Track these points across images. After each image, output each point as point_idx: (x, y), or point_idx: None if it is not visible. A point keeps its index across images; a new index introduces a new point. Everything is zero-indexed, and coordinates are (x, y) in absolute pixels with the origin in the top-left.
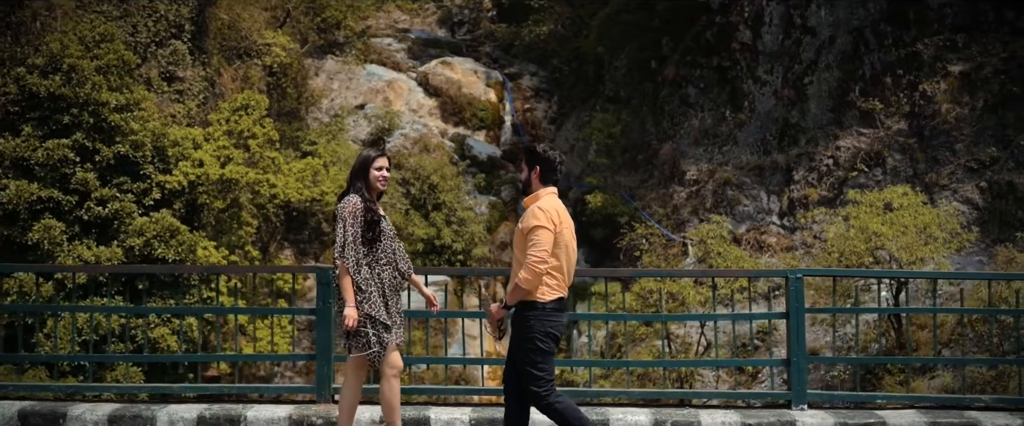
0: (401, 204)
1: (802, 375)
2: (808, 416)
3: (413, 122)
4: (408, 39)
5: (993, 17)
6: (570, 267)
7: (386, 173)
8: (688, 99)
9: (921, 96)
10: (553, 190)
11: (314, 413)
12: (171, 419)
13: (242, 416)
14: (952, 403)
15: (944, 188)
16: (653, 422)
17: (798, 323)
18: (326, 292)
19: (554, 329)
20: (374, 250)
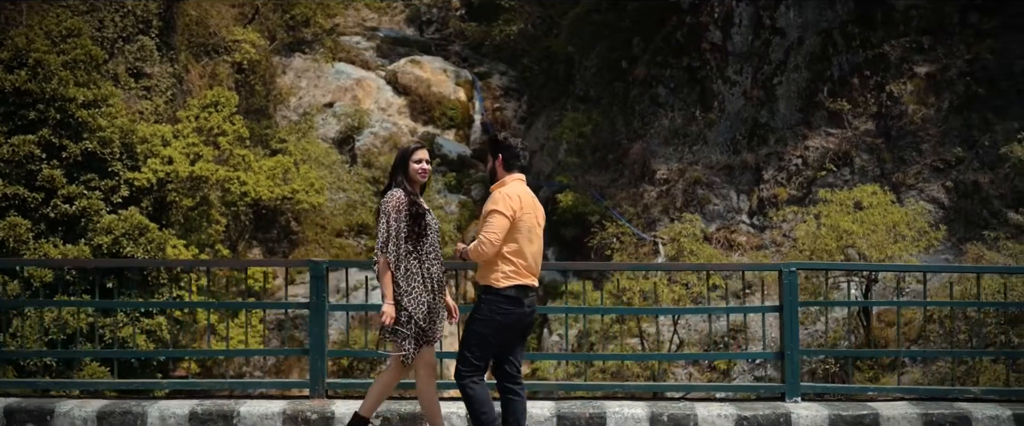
0: (372, 203)
1: (795, 368)
2: (802, 408)
3: (382, 121)
4: (376, 37)
5: (957, 20)
6: (533, 255)
7: (426, 165)
8: (658, 99)
9: (888, 97)
10: (519, 177)
11: (309, 408)
12: (162, 415)
13: (235, 411)
14: (941, 395)
15: (911, 187)
16: (650, 415)
17: (792, 316)
18: (319, 286)
19: (504, 317)
20: (421, 245)
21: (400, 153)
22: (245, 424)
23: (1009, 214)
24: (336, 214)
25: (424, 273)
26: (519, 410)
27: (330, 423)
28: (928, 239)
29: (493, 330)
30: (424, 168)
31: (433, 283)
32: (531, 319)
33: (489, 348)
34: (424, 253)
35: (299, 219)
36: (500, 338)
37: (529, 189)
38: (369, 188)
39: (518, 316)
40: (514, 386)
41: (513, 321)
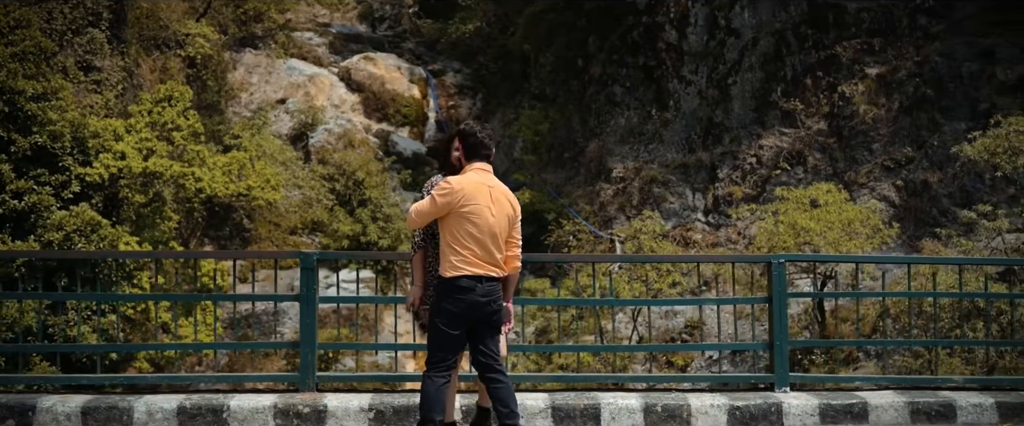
0: (327, 200)
1: (784, 359)
2: (792, 397)
3: (336, 117)
4: (329, 34)
5: (907, 23)
6: (486, 245)
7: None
8: (614, 98)
9: (840, 97)
10: (480, 166)
11: (300, 401)
12: (149, 410)
13: (225, 406)
14: (926, 384)
15: (862, 186)
16: (644, 406)
17: (781, 307)
18: (309, 278)
19: (454, 306)
20: None
21: (445, 140)
22: (235, 418)
23: (958, 212)
24: (291, 211)
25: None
26: (504, 394)
27: (322, 417)
28: (881, 236)
29: (446, 320)
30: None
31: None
32: (490, 308)
33: (447, 340)
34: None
35: (252, 217)
36: (456, 328)
37: (494, 179)
38: (324, 185)
39: (470, 304)
40: (494, 374)
41: (464, 309)
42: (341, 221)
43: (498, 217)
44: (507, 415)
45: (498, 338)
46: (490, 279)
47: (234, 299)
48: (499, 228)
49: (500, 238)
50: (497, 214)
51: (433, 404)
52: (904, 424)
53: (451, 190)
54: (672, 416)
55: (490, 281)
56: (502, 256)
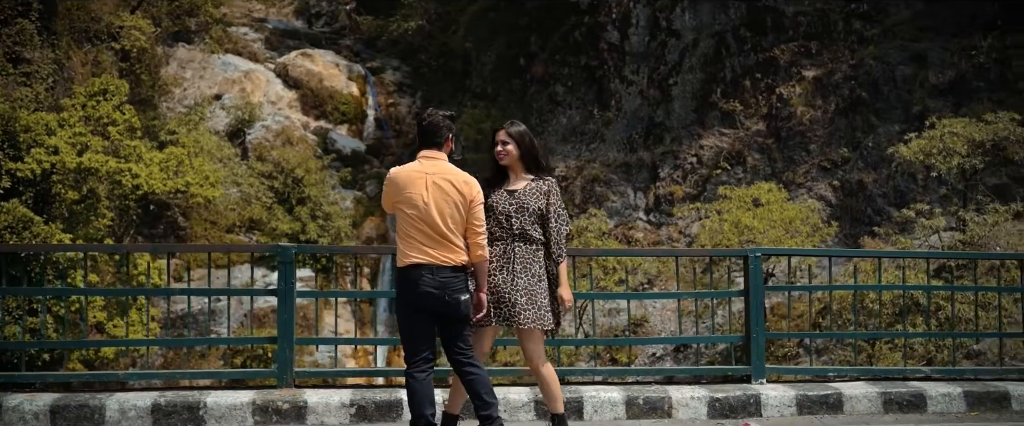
0: (266, 198)
1: (761, 351)
2: (770, 389)
3: (274, 114)
4: (265, 29)
5: (842, 26)
6: (431, 235)
7: (499, 147)
8: (556, 97)
9: (778, 99)
10: (426, 153)
11: (279, 397)
12: (122, 408)
13: (201, 403)
14: (896, 375)
15: (800, 186)
16: (626, 399)
17: (757, 301)
18: (288, 272)
19: (405, 297)
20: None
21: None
22: (212, 416)
23: (892, 212)
24: (229, 209)
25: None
26: (477, 384)
27: (303, 413)
28: (820, 235)
29: (403, 311)
30: (497, 150)
31: (495, 264)
32: (444, 299)
33: (409, 332)
34: (505, 234)
35: (188, 214)
36: (413, 319)
37: (438, 166)
38: (263, 183)
39: (420, 294)
40: (467, 366)
41: (415, 299)
42: (280, 219)
43: (437, 204)
44: (481, 406)
45: (467, 330)
46: (440, 269)
47: (209, 294)
48: (441, 216)
49: (446, 226)
50: (435, 201)
51: (419, 400)
52: (877, 414)
53: (387, 181)
54: (653, 409)
55: (441, 271)
56: (458, 245)
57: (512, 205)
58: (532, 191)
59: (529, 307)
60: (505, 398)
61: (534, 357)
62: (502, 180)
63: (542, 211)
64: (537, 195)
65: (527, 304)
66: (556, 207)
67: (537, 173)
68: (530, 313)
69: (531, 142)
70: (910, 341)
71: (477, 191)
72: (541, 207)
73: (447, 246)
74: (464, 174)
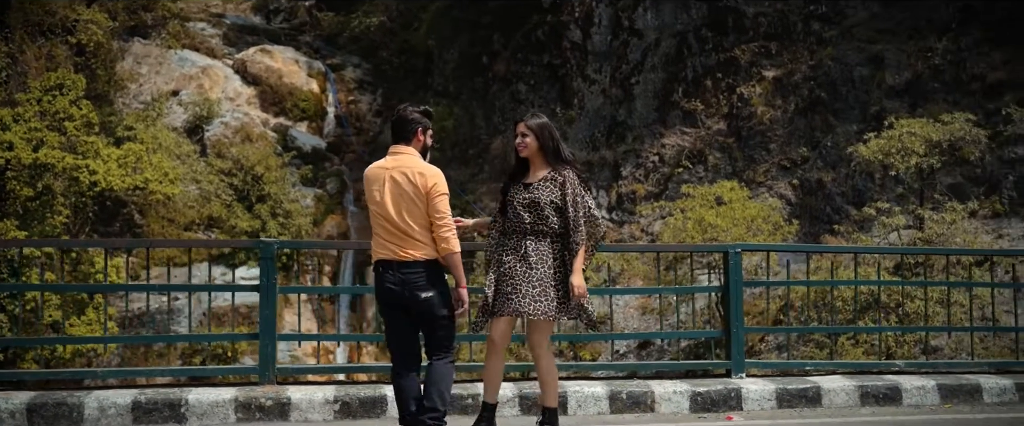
0: (226, 195)
1: (740, 346)
2: (750, 383)
3: (232, 111)
4: (223, 24)
5: (802, 28)
6: (390, 230)
7: (519, 139)
8: (518, 95)
9: (738, 98)
10: (395, 148)
11: (262, 394)
12: (101, 406)
13: (182, 400)
14: (870, 368)
15: (760, 184)
16: (609, 394)
17: (737, 296)
18: (269, 268)
19: (376, 292)
20: (505, 219)
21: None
22: (194, 413)
23: (850, 210)
24: (188, 206)
25: (501, 247)
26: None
27: (286, 410)
28: (782, 233)
29: (379, 309)
30: (516, 142)
31: (507, 257)
32: (405, 295)
33: (387, 329)
34: (507, 228)
35: (145, 212)
36: (386, 315)
37: (401, 159)
38: (223, 180)
39: (384, 291)
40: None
41: (382, 296)
42: (239, 217)
43: (394, 199)
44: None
45: (439, 327)
46: (401, 264)
47: (191, 290)
48: (397, 210)
49: (402, 220)
50: (392, 196)
51: (403, 398)
52: (855, 406)
53: (364, 180)
54: (637, 403)
55: (401, 267)
56: (420, 239)
57: (525, 199)
58: (546, 183)
59: (541, 299)
60: None
61: (536, 347)
62: (524, 173)
63: (556, 203)
64: (551, 187)
65: (539, 296)
66: (573, 196)
67: (556, 165)
68: (541, 304)
69: (550, 134)
70: (871, 336)
71: (433, 182)
72: (555, 199)
73: (407, 241)
74: (423, 166)
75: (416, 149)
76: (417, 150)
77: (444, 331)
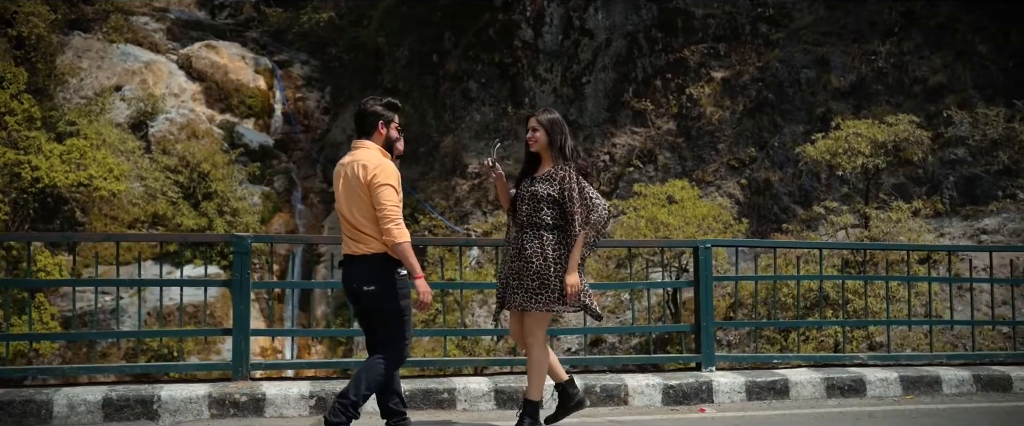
0: (172, 193)
1: (710, 340)
2: (720, 376)
3: (178, 107)
4: (167, 19)
5: (749, 30)
6: (345, 225)
7: (529, 134)
8: (469, 93)
9: (688, 99)
10: (355, 143)
11: (236, 390)
12: (71, 403)
13: (155, 396)
14: (834, 361)
15: (709, 184)
16: (583, 387)
17: (707, 290)
18: (242, 263)
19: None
20: (515, 213)
21: None
22: (167, 409)
23: (797, 209)
24: (133, 204)
25: (510, 241)
26: (357, 375)
27: (261, 405)
28: (732, 231)
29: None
30: (527, 137)
31: (511, 250)
32: (354, 289)
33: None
34: (516, 221)
35: (87, 209)
36: (353, 308)
37: (356, 153)
38: (168, 178)
39: (344, 285)
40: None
41: (345, 290)
42: (185, 215)
43: (346, 193)
44: (342, 394)
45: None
46: (352, 259)
47: (161, 285)
48: (347, 205)
49: (351, 215)
50: (344, 191)
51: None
52: (821, 398)
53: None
54: (610, 396)
55: (352, 262)
56: (369, 233)
57: (528, 192)
58: (547, 178)
59: (538, 292)
60: (466, 388)
61: (527, 337)
62: (534, 168)
63: (553, 197)
64: (551, 182)
65: (537, 289)
66: (569, 191)
67: (562, 160)
68: (536, 297)
69: (560, 130)
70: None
71: (373, 173)
72: (553, 193)
73: (356, 235)
74: (370, 158)
75: (378, 143)
76: (379, 144)
77: (385, 327)
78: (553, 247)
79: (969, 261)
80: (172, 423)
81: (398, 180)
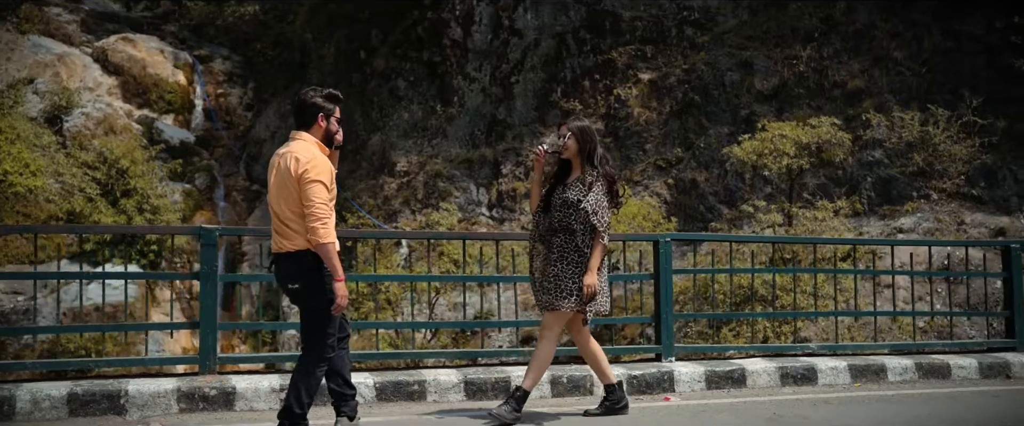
0: (90, 189)
1: (670, 331)
2: (681, 366)
3: (94, 101)
4: (81, 10)
5: (676, 33)
6: (274, 221)
7: (560, 141)
8: (397, 92)
9: (616, 100)
10: (294, 134)
11: (205, 384)
12: (34, 398)
13: (122, 391)
14: (786, 351)
15: (637, 184)
16: (550, 378)
17: (667, 283)
18: (210, 255)
19: None
20: (544, 216)
21: None
22: (135, 404)
23: (722, 209)
24: (48, 200)
25: (541, 244)
26: (291, 381)
27: (231, 399)
28: (662, 230)
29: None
30: (560, 144)
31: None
32: (284, 286)
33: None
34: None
35: None
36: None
37: (291, 145)
38: (86, 174)
39: (276, 281)
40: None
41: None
42: (103, 212)
43: (276, 188)
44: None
45: (314, 320)
46: (279, 256)
47: (127, 277)
48: (276, 200)
49: (280, 209)
50: (274, 185)
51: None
52: (777, 387)
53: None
54: (577, 386)
55: (279, 259)
56: (294, 229)
57: (560, 198)
58: (577, 184)
59: (556, 293)
60: (436, 380)
61: (543, 329)
62: (566, 173)
63: (581, 202)
64: (580, 188)
65: (557, 290)
66: (597, 198)
67: (591, 167)
68: (555, 298)
69: (589, 137)
70: (753, 327)
71: (304, 168)
72: (581, 198)
73: (283, 230)
74: (304, 151)
75: (317, 136)
76: (318, 137)
77: (308, 326)
78: (576, 250)
79: (892, 256)
80: (140, 418)
81: (331, 176)
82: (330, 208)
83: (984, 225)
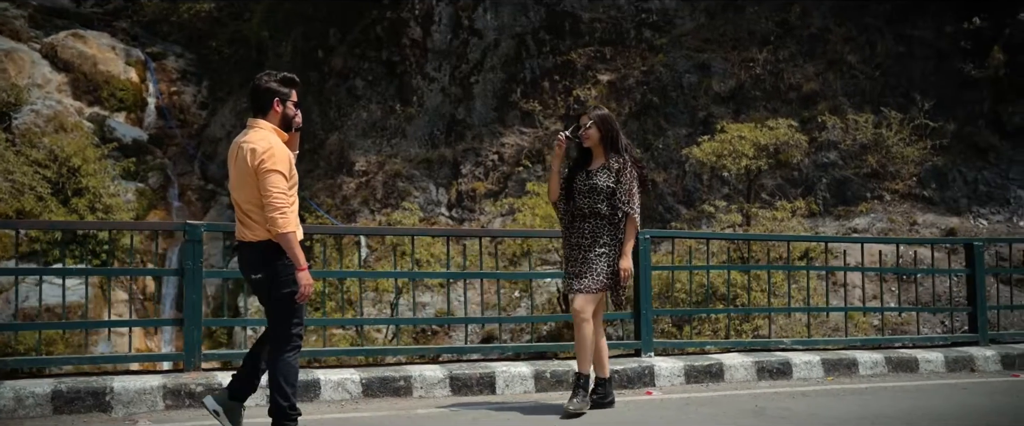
0: (41, 188)
1: (649, 327)
2: (660, 361)
3: (43, 98)
4: (29, 5)
5: (634, 35)
6: (236, 210)
7: (582, 130)
8: (356, 91)
9: (575, 100)
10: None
11: (191, 380)
12: (18, 396)
13: (107, 388)
14: (760, 346)
15: None
16: (534, 373)
17: (646, 279)
18: (195, 251)
19: None
20: (570, 204)
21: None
22: (120, 401)
23: (681, 209)
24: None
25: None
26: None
27: None
28: None
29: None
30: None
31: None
32: (247, 275)
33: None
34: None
35: None
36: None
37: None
38: (37, 173)
39: (240, 271)
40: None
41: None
42: (53, 212)
43: (235, 176)
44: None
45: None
46: (242, 246)
47: (111, 273)
48: (237, 187)
49: (240, 198)
50: (234, 172)
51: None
52: (753, 381)
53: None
54: (560, 381)
55: (241, 249)
56: (254, 219)
57: (586, 185)
58: (603, 171)
59: (588, 277)
60: (422, 375)
61: (578, 313)
62: (587, 161)
63: (611, 188)
64: (608, 174)
65: (588, 274)
66: (629, 182)
67: (615, 154)
68: (587, 282)
69: (611, 125)
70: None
71: (262, 158)
72: (610, 185)
73: (244, 220)
74: (261, 140)
75: (274, 122)
76: (275, 123)
77: (273, 316)
78: (610, 235)
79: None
80: (126, 414)
81: (290, 164)
82: (290, 196)
83: (935, 225)
